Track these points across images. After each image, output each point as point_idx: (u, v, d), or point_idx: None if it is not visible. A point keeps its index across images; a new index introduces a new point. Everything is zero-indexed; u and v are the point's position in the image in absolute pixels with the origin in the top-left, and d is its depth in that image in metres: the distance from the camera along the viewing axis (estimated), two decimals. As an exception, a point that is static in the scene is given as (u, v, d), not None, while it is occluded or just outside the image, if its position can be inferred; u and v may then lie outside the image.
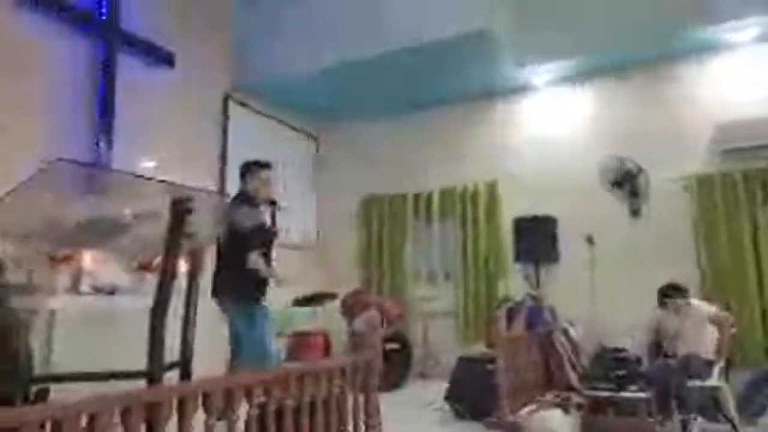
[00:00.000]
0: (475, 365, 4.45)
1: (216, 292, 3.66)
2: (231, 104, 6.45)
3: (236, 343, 3.64)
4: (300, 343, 5.98)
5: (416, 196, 7.08)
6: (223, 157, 6.32)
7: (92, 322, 3.97)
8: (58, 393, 2.23)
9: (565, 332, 5.36)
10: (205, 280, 3.16)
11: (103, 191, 1.92)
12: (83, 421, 1.46)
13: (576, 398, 4.35)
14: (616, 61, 6.04)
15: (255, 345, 3.58)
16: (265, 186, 3.78)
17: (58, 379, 2.20)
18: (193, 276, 2.36)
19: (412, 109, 7.09)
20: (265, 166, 3.85)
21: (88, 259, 4.15)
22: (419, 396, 5.11)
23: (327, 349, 6.11)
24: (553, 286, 6.07)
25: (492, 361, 4.19)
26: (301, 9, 6.10)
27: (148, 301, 1.92)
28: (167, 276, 1.95)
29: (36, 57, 4.63)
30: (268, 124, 6.96)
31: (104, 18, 5.07)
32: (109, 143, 5.01)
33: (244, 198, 3.74)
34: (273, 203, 3.72)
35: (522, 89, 6.65)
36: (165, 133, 5.59)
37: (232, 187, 6.15)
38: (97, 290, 4.28)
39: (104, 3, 5.08)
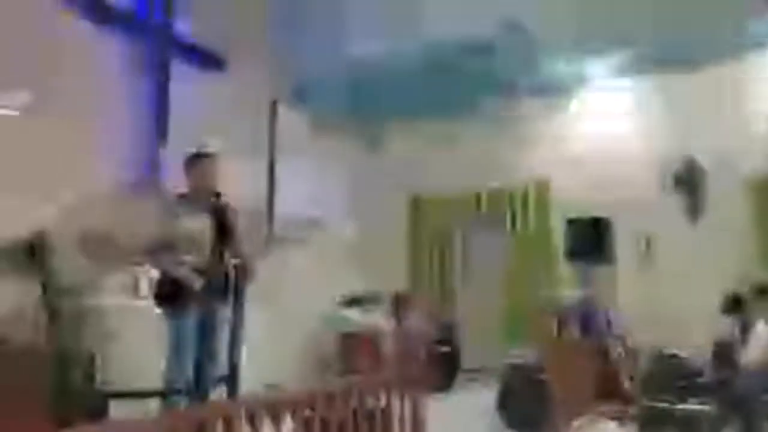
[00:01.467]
0: (525, 373, 4.34)
1: None
2: (280, 107, 6.51)
3: None
4: (349, 345, 6.00)
5: (465, 195, 6.97)
6: (272, 158, 6.41)
7: (148, 324, 4.10)
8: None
9: (621, 338, 5.17)
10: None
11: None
12: None
13: (632, 410, 4.18)
14: (680, 55, 5.73)
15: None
16: (204, 179, 3.30)
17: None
18: (238, 289, 2.38)
19: (460, 108, 6.96)
20: (202, 156, 3.37)
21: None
22: (469, 401, 5.03)
23: (376, 351, 6.11)
24: (608, 291, 5.85)
25: (542, 369, 4.08)
26: (335, 14, 6.08)
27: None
28: (214, 289, 1.97)
29: (97, 62, 4.80)
30: (315, 125, 7.00)
31: (160, 25, 5.22)
32: (163, 139, 5.14)
33: (184, 197, 3.32)
34: (217, 195, 3.24)
35: (574, 85, 6.42)
36: (216, 134, 5.70)
37: (281, 186, 6.33)
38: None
39: (159, 12, 5.23)
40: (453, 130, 7.10)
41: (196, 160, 3.38)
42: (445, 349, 5.61)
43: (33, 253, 4.01)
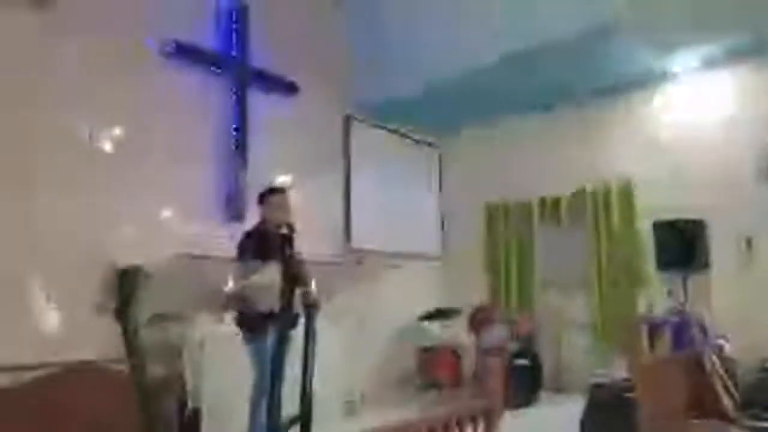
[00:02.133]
0: (611, 394, 4.14)
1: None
2: (353, 123, 6.63)
3: None
4: (429, 359, 6.02)
5: (542, 200, 6.77)
6: (347, 175, 6.54)
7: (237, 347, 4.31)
8: None
9: (719, 350, 4.82)
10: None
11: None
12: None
13: (732, 430, 3.89)
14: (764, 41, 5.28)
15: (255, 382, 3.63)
16: (277, 211, 3.80)
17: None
18: (309, 326, 2.45)
19: (537, 110, 6.78)
20: (275, 191, 3.92)
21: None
22: (550, 418, 4.89)
23: (456, 365, 6.08)
24: (703, 297, 5.48)
25: (631, 389, 3.88)
26: (415, 24, 6.07)
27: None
28: (282, 340, 2.05)
29: (181, 98, 5.14)
30: (390, 139, 7.07)
31: (236, 59, 5.48)
32: (244, 171, 5.41)
33: (257, 228, 3.85)
34: (289, 227, 3.57)
35: (658, 79, 6.06)
36: (292, 155, 5.93)
37: (356, 203, 6.46)
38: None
39: (236, 45, 5.49)
40: (531, 134, 6.94)
41: (270, 195, 3.86)
42: (525, 362, 5.47)
43: (126, 283, 4.36)
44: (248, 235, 3.86)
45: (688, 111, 5.97)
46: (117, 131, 4.70)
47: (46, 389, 3.54)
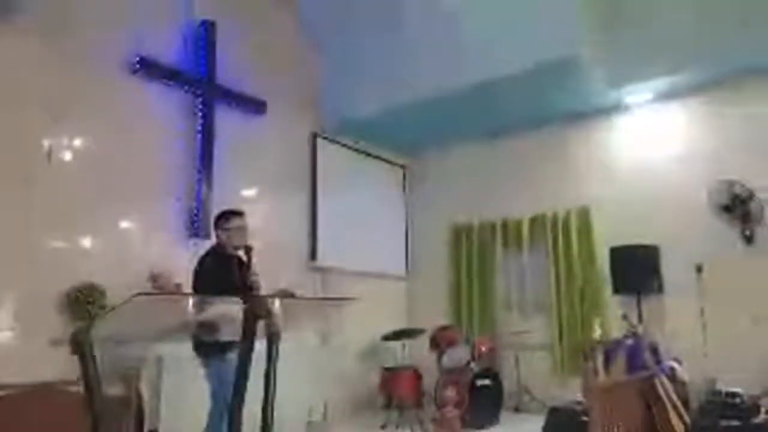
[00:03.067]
0: (568, 416, 4.25)
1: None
2: (319, 141, 6.67)
3: None
4: (391, 378, 6.04)
5: (505, 224, 6.92)
6: (313, 192, 6.56)
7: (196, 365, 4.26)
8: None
9: (671, 373, 4.99)
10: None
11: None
12: None
13: (682, 452, 4.03)
14: (719, 76, 5.58)
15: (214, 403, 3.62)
16: (235, 235, 3.75)
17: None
18: (270, 354, 2.45)
19: (498, 135, 6.97)
20: (233, 214, 3.83)
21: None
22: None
23: (417, 385, 6.12)
24: (657, 321, 5.68)
25: (586, 412, 3.98)
26: (381, 48, 6.17)
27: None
28: (244, 364, 2.05)
29: (147, 113, 5.12)
30: (355, 158, 7.12)
31: (203, 77, 5.49)
32: (209, 185, 5.39)
33: (214, 251, 3.79)
34: (248, 249, 3.58)
35: (614, 110, 6.33)
36: (258, 173, 5.94)
37: (321, 221, 6.47)
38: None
39: (203, 63, 5.50)
40: (494, 158, 7.10)
41: (227, 218, 3.80)
42: (486, 382, 5.55)
43: (84, 301, 4.28)
44: (205, 256, 3.80)
45: (643, 141, 6.24)
46: (79, 145, 4.62)
47: (10, 409, 3.46)
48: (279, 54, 6.30)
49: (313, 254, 6.40)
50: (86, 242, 4.59)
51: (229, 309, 2.11)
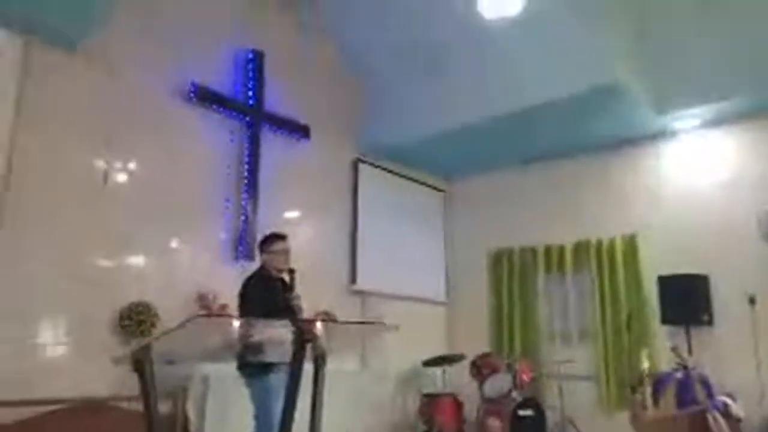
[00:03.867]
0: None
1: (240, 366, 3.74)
2: (360, 166, 6.77)
3: None
4: (431, 405, 5.98)
5: (547, 250, 6.83)
6: (354, 215, 6.64)
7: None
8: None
9: (725, 407, 4.78)
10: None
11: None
12: None
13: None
14: (766, 103, 5.46)
15: (259, 422, 3.65)
16: (279, 257, 3.87)
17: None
18: (317, 378, 2.49)
19: (538, 161, 6.93)
20: (277, 238, 3.95)
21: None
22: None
23: (458, 412, 6.04)
24: (708, 353, 5.47)
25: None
26: (421, 76, 6.26)
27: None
28: (294, 386, 2.10)
29: (197, 138, 5.32)
30: (396, 183, 7.19)
31: (251, 104, 5.68)
32: (255, 208, 5.53)
33: (259, 273, 3.90)
34: (291, 271, 3.75)
35: (661, 136, 6.22)
36: (301, 197, 6.07)
37: (362, 245, 6.53)
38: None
39: (252, 91, 5.69)
40: (534, 183, 7.07)
41: (271, 242, 3.92)
42: (528, 412, 5.43)
43: (136, 320, 4.42)
44: (250, 278, 3.90)
45: (691, 168, 6.10)
46: (133, 169, 4.83)
47: (64, 422, 3.61)
48: (322, 82, 6.46)
49: (353, 278, 6.44)
50: (138, 263, 4.75)
51: (276, 332, 2.17)
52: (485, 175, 7.43)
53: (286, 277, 3.78)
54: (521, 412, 5.41)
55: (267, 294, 3.71)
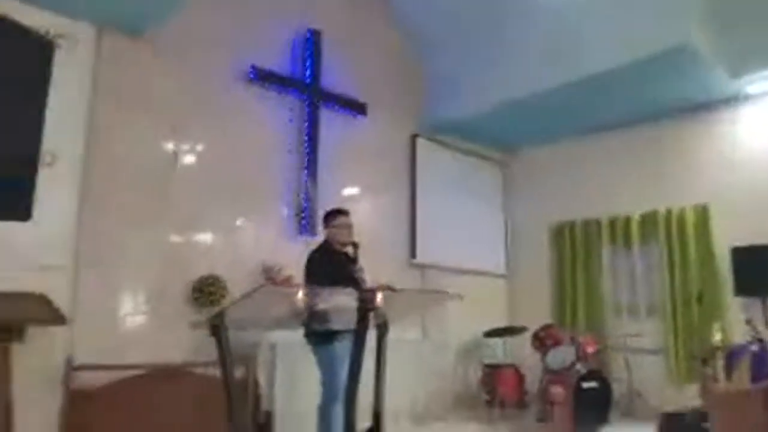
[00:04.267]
0: (684, 423, 4.02)
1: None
2: (419, 141, 6.76)
3: None
4: (493, 375, 6.01)
5: (612, 222, 6.63)
6: (413, 190, 6.66)
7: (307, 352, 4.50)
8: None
9: (804, 383, 4.55)
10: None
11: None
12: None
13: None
14: None
15: (325, 388, 3.73)
16: (342, 231, 3.93)
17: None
18: (380, 346, 2.57)
19: (606, 129, 6.69)
20: (340, 213, 4.01)
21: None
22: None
23: (520, 383, 6.04)
24: (786, 326, 5.21)
25: (704, 418, 3.77)
26: (481, 48, 6.15)
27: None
28: (358, 353, 2.18)
29: (258, 118, 5.46)
30: (455, 157, 7.15)
31: (310, 83, 5.78)
32: (315, 184, 5.65)
33: (323, 247, 3.97)
34: (354, 245, 3.79)
35: (736, 101, 5.87)
36: (360, 173, 6.15)
37: (421, 219, 6.57)
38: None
39: (310, 70, 5.79)
40: (598, 153, 6.85)
41: (335, 216, 4.00)
42: (593, 385, 5.36)
43: (207, 292, 4.66)
44: (314, 252, 4.00)
45: (766, 133, 5.73)
46: (201, 150, 5.03)
47: (145, 386, 3.89)
48: (380, 58, 6.48)
49: (413, 252, 6.51)
50: (207, 240, 4.98)
51: (341, 300, 2.25)
52: (546, 146, 7.27)
53: (350, 251, 3.86)
54: (585, 384, 5.33)
55: (332, 266, 3.79)
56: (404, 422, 5.08)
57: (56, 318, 3.62)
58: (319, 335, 3.63)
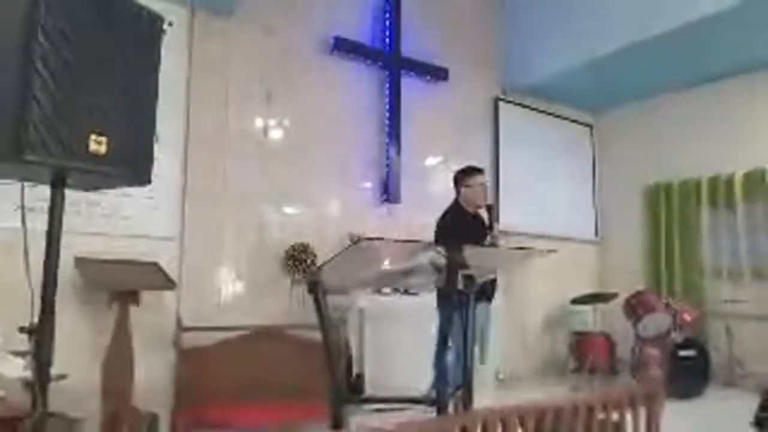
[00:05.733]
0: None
1: None
2: (501, 104, 6.62)
3: None
4: (582, 342, 5.91)
5: (712, 181, 6.22)
6: (496, 155, 6.56)
7: (393, 317, 4.62)
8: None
9: None
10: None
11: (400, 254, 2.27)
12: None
13: None
14: None
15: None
16: (476, 191, 3.69)
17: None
18: (468, 304, 2.61)
19: (702, 83, 6.23)
20: (475, 171, 3.75)
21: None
22: (717, 414, 4.57)
23: (610, 351, 5.90)
24: None
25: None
26: (566, 3, 5.87)
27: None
28: (445, 315, 2.23)
29: (341, 88, 5.56)
30: (540, 119, 6.94)
31: (390, 50, 5.78)
32: (398, 152, 5.71)
33: (454, 208, 3.72)
34: (489, 207, 3.59)
35: None
36: (441, 137, 6.12)
37: (503, 184, 6.47)
38: (396, 290, 4.98)
39: (390, 37, 5.78)
40: (697, 109, 6.41)
41: (469, 175, 3.78)
42: (690, 353, 5.15)
43: (299, 258, 4.89)
44: (445, 213, 3.79)
45: None
46: (287, 123, 5.20)
47: (245, 346, 4.18)
48: (460, 20, 6.35)
49: (496, 217, 6.42)
50: (295, 209, 5.19)
51: (432, 258, 2.28)
52: (638, 104, 6.89)
53: (483, 214, 3.68)
54: (682, 353, 5.14)
55: (462, 229, 3.58)
56: (491, 386, 5.12)
57: (167, 284, 3.95)
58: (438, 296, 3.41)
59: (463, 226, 3.61)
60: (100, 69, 1.46)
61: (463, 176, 3.77)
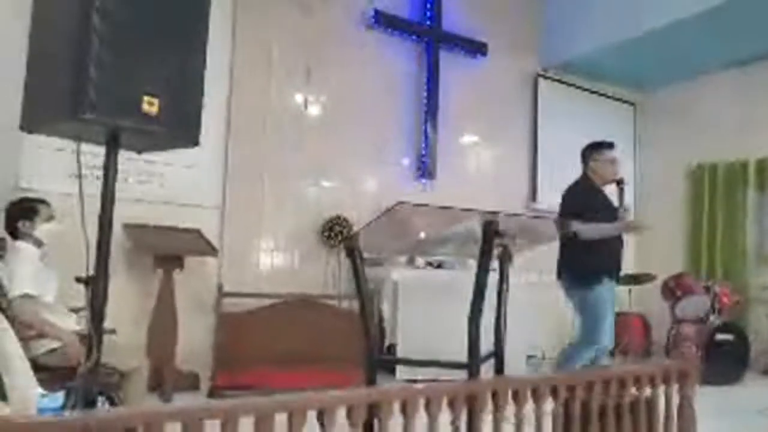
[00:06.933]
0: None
1: (559, 274, 3.67)
2: (540, 81, 6.51)
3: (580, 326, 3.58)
4: (617, 323, 5.82)
5: (761, 163, 6.02)
6: (534, 132, 6.49)
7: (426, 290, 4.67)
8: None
9: None
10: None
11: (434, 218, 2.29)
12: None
13: None
14: None
15: (585, 331, 3.55)
16: (606, 165, 3.65)
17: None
18: (503, 273, 2.63)
19: (750, 62, 5.99)
20: (606, 145, 3.70)
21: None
22: (754, 400, 4.49)
23: (646, 332, 5.83)
24: None
25: None
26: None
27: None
28: (481, 279, 2.26)
29: (379, 62, 5.56)
30: (580, 97, 6.80)
31: (430, 24, 5.74)
32: (435, 127, 5.70)
33: (582, 182, 3.68)
34: (619, 183, 3.54)
35: None
36: (480, 114, 6.08)
37: (542, 162, 6.39)
38: (429, 264, 5.03)
39: (430, 11, 5.73)
40: (744, 88, 6.18)
41: (601, 150, 3.74)
42: (728, 337, 5.05)
43: (336, 231, 4.98)
44: (574, 185, 3.77)
45: None
46: (325, 98, 5.25)
47: (283, 313, 4.31)
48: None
49: (533, 195, 6.40)
50: (333, 183, 5.26)
51: (465, 227, 2.29)
52: (683, 82, 6.66)
53: (611, 189, 3.65)
54: (720, 337, 5.05)
55: (589, 203, 3.58)
56: (522, 363, 5.15)
57: (209, 250, 4.09)
58: (582, 278, 3.50)
59: (595, 200, 3.61)
60: (153, 34, 1.54)
61: (592, 151, 3.75)
